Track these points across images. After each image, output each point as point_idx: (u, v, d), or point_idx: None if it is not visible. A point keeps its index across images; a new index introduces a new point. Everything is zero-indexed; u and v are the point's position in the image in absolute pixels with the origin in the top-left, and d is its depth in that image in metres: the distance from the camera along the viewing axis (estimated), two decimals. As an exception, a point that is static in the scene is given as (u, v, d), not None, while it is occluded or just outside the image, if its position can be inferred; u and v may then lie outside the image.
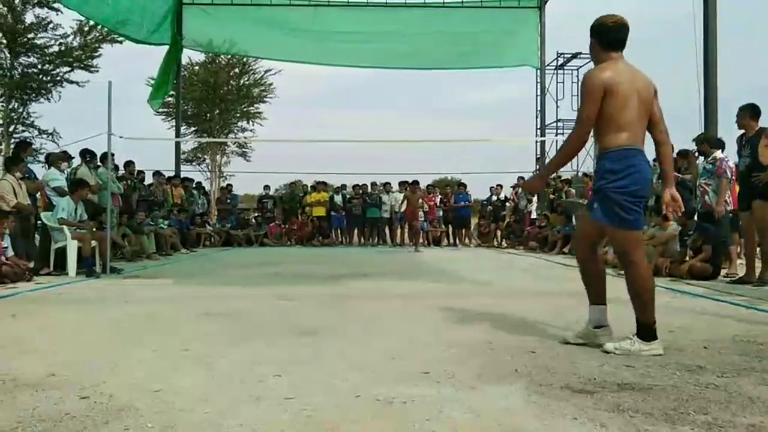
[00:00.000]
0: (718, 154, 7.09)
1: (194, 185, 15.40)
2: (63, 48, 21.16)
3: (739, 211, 6.63)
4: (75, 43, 21.36)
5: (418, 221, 13.66)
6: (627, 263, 3.19)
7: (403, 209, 13.57)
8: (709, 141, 7.31)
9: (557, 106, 18.99)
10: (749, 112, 6.27)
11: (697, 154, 7.93)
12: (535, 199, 14.67)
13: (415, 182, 14.24)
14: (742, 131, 6.38)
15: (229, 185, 17.79)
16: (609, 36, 3.15)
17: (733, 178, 6.92)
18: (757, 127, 6.20)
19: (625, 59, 3.17)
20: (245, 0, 15.18)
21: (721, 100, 8.65)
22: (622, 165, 3.02)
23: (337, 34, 15.32)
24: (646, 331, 3.09)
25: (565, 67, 19.25)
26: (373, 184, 15.75)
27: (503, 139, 20.90)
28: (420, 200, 13.82)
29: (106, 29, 20.21)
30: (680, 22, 9.84)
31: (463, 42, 15.70)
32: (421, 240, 14.99)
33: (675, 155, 8.66)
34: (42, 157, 18.47)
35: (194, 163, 30.12)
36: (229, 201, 16.06)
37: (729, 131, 6.77)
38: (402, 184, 15.07)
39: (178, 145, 16.94)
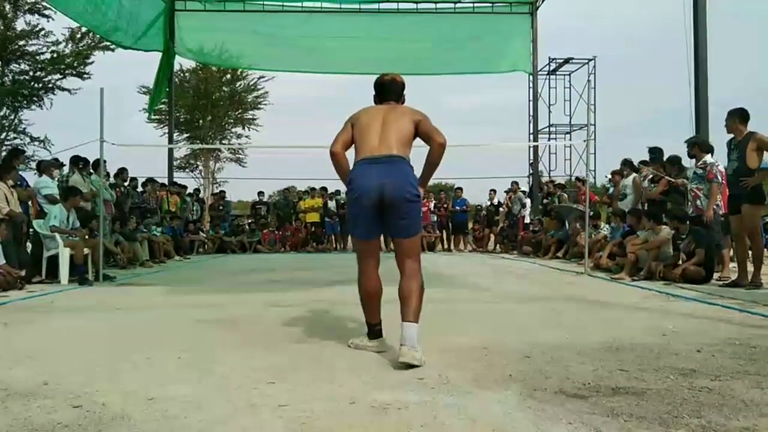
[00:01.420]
0: (708, 158, 7.15)
1: (189, 192, 15.35)
2: (55, 55, 21.13)
3: (729, 215, 6.67)
4: (67, 50, 21.35)
5: None
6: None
7: None
8: (700, 145, 7.36)
9: (549, 111, 19.04)
10: (738, 116, 6.32)
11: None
12: (528, 203, 14.72)
13: None
14: (732, 135, 6.43)
15: (222, 192, 17.75)
16: (377, 90, 3.61)
17: (724, 182, 6.98)
18: (746, 132, 6.26)
19: (394, 104, 3.50)
20: (237, 6, 15.19)
21: (718, 102, 8.71)
22: (350, 177, 3.29)
23: (329, 41, 15.33)
24: (369, 329, 3.43)
25: (557, 72, 19.34)
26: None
27: (496, 144, 20.99)
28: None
29: (98, 37, 20.25)
30: (673, 24, 9.93)
31: (456, 48, 15.76)
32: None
33: (665, 161, 8.74)
34: (34, 165, 18.44)
35: (187, 170, 30.08)
36: (221, 208, 16.01)
37: (722, 134, 6.83)
38: None
39: (170, 151, 16.90)
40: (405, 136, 3.29)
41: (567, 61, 18.59)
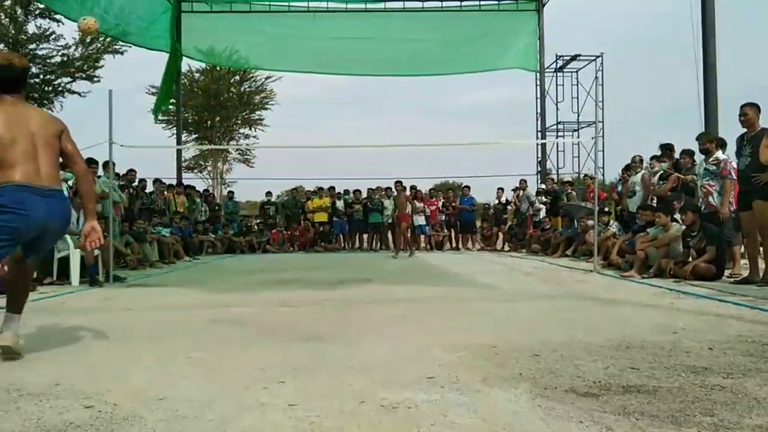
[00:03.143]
0: (720, 155, 7.08)
1: (198, 193, 15.41)
2: (65, 59, 21.30)
3: (740, 211, 6.61)
4: (77, 54, 21.51)
5: (409, 223, 13.31)
6: None
7: (395, 214, 13.11)
8: (717, 140, 7.30)
9: (557, 109, 18.98)
10: (757, 109, 6.25)
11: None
12: (537, 201, 14.65)
13: (399, 182, 13.84)
14: (744, 131, 6.36)
15: (231, 192, 17.83)
16: None
17: (735, 178, 6.92)
18: (759, 127, 6.20)
19: (22, 101, 3.17)
20: (244, 8, 15.24)
21: (727, 98, 8.63)
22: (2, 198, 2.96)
23: (335, 41, 15.35)
24: None
25: (564, 70, 19.26)
26: (377, 188, 15.68)
27: (504, 142, 20.95)
28: (408, 202, 13.22)
29: (107, 40, 20.41)
30: (682, 20, 9.83)
31: (463, 46, 15.76)
32: (422, 244, 14.96)
33: (679, 155, 8.68)
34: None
35: (195, 171, 30.25)
36: (217, 209, 15.93)
37: (729, 130, 6.78)
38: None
39: (179, 152, 17.00)
40: (57, 157, 3.17)
41: (574, 58, 18.52)
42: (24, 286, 3.44)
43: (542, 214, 13.81)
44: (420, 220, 14.85)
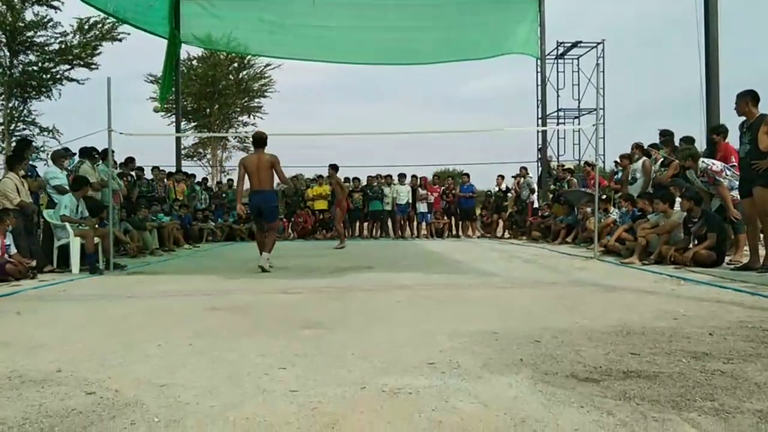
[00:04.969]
0: (700, 164, 7.02)
1: (197, 181, 15.40)
2: (63, 46, 21.17)
3: (741, 198, 6.59)
4: (75, 41, 21.38)
5: (343, 211, 12.55)
6: None
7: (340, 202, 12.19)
8: (693, 156, 7.19)
9: (558, 96, 18.90)
10: (749, 97, 6.20)
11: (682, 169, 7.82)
12: (535, 187, 14.64)
13: (332, 166, 11.98)
14: (743, 118, 6.32)
15: (230, 180, 17.77)
16: (252, 141, 7.54)
17: (722, 180, 6.90)
18: (758, 114, 6.16)
19: (263, 151, 7.34)
20: (243, -7, 15.10)
21: (731, 84, 8.55)
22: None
23: (335, 29, 15.23)
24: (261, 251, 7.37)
25: (566, 57, 19.14)
26: (377, 176, 15.66)
27: (505, 129, 20.84)
28: (341, 187, 12.18)
29: (106, 27, 20.25)
30: (684, 6, 9.73)
31: (464, 33, 15.62)
32: (423, 231, 14.96)
33: (679, 142, 8.65)
34: (44, 155, 18.56)
35: (195, 159, 30.16)
36: (225, 196, 15.91)
37: (731, 119, 6.72)
38: (401, 176, 15.05)
39: (178, 140, 16.93)
40: (269, 175, 7.26)
41: (575, 44, 18.41)
42: (263, 242, 7.43)
43: (534, 201, 13.84)
44: (422, 207, 14.87)
